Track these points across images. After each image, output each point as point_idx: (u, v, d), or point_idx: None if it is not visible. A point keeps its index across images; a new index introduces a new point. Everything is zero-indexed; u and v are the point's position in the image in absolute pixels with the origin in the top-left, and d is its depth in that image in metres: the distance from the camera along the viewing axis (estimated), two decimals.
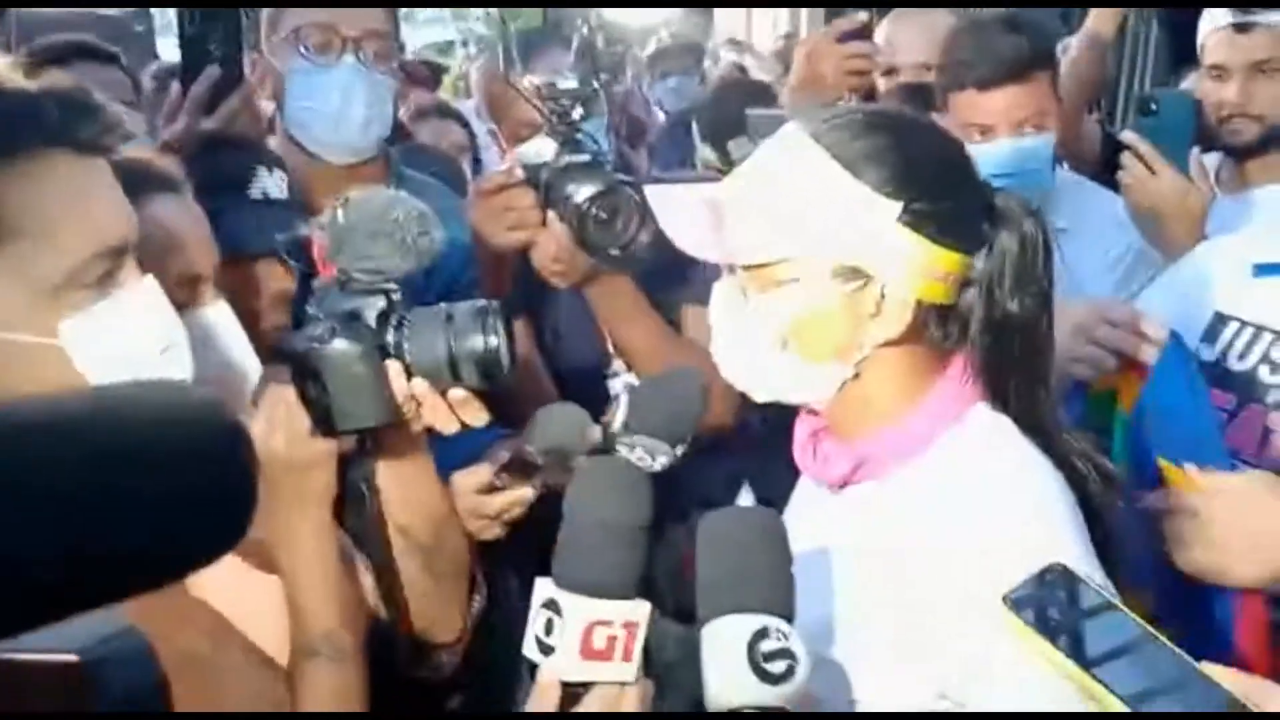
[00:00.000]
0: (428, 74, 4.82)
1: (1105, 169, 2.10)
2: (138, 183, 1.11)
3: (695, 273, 1.72)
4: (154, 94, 2.64)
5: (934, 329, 1.08)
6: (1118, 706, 0.78)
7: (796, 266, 1.06)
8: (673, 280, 1.71)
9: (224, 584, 1.08)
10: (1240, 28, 2.02)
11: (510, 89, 1.70)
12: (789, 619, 0.91)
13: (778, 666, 0.87)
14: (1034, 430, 1.10)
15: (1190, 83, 2.23)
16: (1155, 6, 3.53)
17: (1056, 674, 0.84)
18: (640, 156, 3.19)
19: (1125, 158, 1.86)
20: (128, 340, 1.00)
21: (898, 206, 1.03)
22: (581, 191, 1.49)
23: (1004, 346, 1.07)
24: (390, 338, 1.09)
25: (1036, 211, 1.08)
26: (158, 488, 0.53)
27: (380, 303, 1.10)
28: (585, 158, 1.55)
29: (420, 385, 1.09)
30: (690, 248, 1.12)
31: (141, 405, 0.56)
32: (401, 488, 1.19)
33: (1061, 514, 1.05)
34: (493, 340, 1.08)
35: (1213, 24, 2.08)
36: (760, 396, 1.14)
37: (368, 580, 1.22)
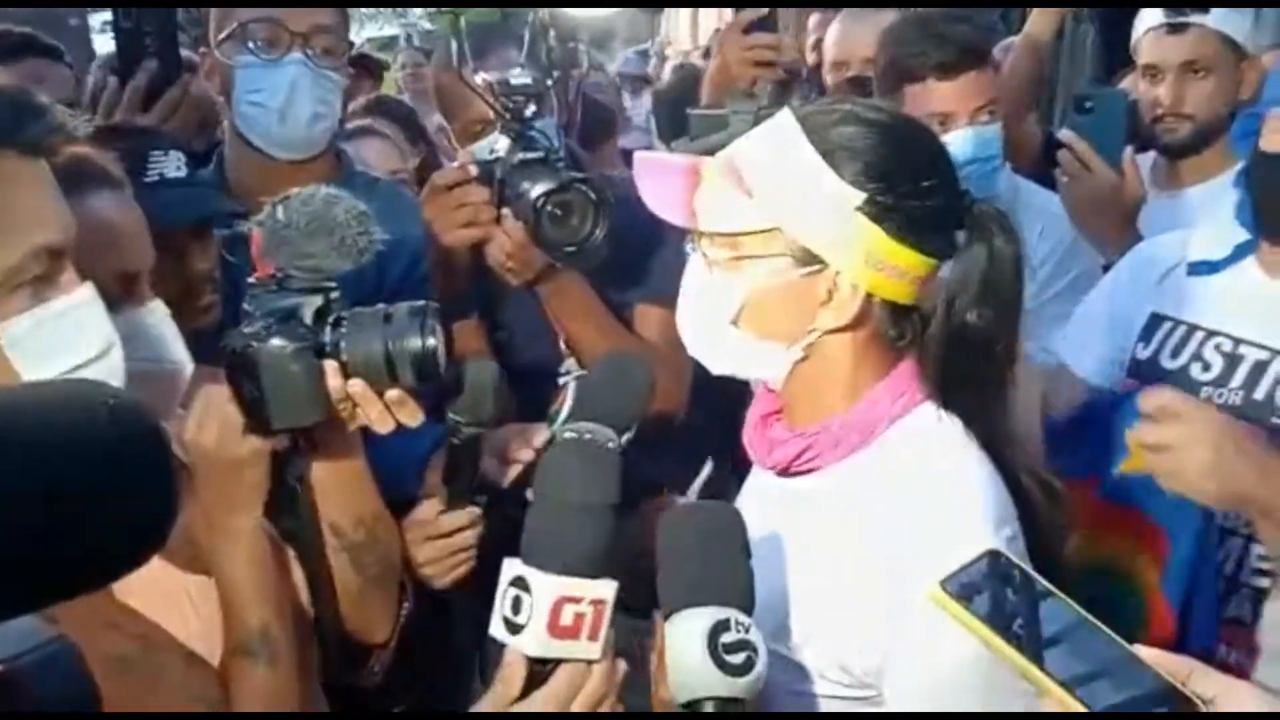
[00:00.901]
0: (375, 67, 4.76)
1: (1046, 166, 2.15)
2: (77, 179, 1.10)
3: (649, 271, 1.73)
4: (93, 88, 2.58)
5: (888, 326, 1.10)
6: (1056, 691, 0.80)
7: (757, 243, 1.09)
8: (626, 278, 1.73)
9: (152, 585, 1.07)
10: (1172, 28, 2.07)
11: (462, 85, 1.69)
12: (748, 611, 0.93)
13: (738, 658, 0.90)
14: (984, 441, 1.11)
15: (1128, 83, 2.28)
16: (1090, 6, 3.61)
17: (997, 658, 0.86)
18: (610, 149, 3.15)
19: (1061, 155, 1.91)
20: (65, 344, 1.00)
21: (860, 196, 1.05)
22: (536, 188, 1.50)
23: (960, 356, 1.09)
24: (328, 337, 1.09)
25: (1011, 227, 1.10)
26: (72, 491, 0.52)
27: (318, 301, 1.10)
28: (539, 154, 1.55)
29: (356, 385, 1.09)
30: (658, 208, 1.14)
31: (57, 406, 0.55)
32: (335, 486, 1.20)
33: (990, 514, 1.06)
34: (430, 341, 1.09)
35: (1146, 25, 2.14)
36: (716, 369, 1.17)
37: (300, 577, 1.22)
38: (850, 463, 1.12)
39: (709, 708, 0.90)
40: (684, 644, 0.91)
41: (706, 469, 1.54)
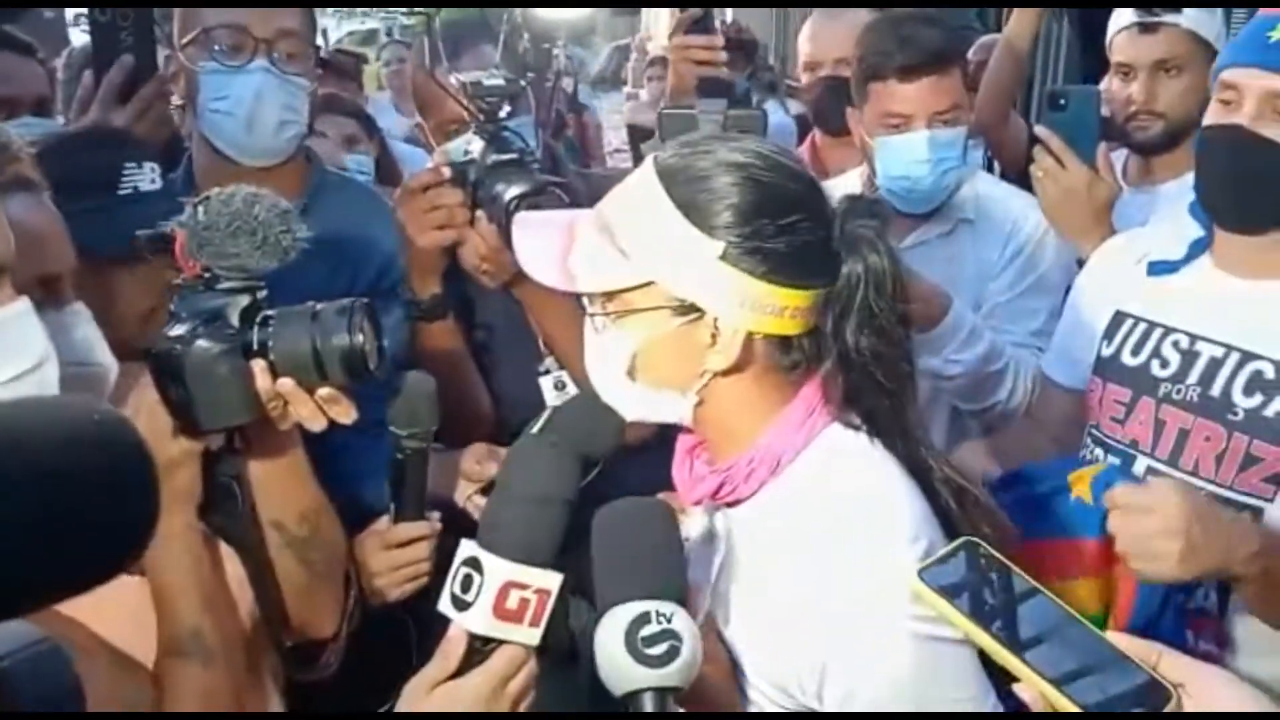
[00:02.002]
0: (353, 64, 4.73)
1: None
2: None
3: None
4: (66, 83, 2.57)
5: (778, 358, 1.10)
6: (1044, 687, 0.80)
7: (636, 297, 1.08)
8: None
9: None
10: (1145, 28, 2.09)
11: (436, 85, 1.68)
12: (678, 599, 0.94)
13: (659, 649, 0.91)
14: (901, 453, 1.11)
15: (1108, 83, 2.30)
16: (1065, 6, 3.63)
17: (935, 666, 0.85)
18: (557, 149, 3.19)
19: (1036, 151, 1.93)
20: (0, 356, 1.00)
21: (720, 245, 1.04)
22: (510, 191, 1.49)
23: (861, 376, 1.09)
24: (255, 336, 1.09)
25: (885, 247, 1.09)
26: (57, 506, 0.53)
27: (244, 301, 1.09)
28: (513, 156, 1.55)
29: (286, 384, 1.10)
30: (535, 271, 1.14)
31: (43, 422, 0.55)
32: (274, 483, 1.20)
33: (904, 525, 1.06)
34: (358, 338, 1.09)
35: (1119, 24, 2.15)
36: (629, 416, 1.15)
37: (238, 573, 1.21)
38: (766, 493, 1.12)
39: (648, 699, 0.91)
40: (606, 642, 0.92)
41: None
